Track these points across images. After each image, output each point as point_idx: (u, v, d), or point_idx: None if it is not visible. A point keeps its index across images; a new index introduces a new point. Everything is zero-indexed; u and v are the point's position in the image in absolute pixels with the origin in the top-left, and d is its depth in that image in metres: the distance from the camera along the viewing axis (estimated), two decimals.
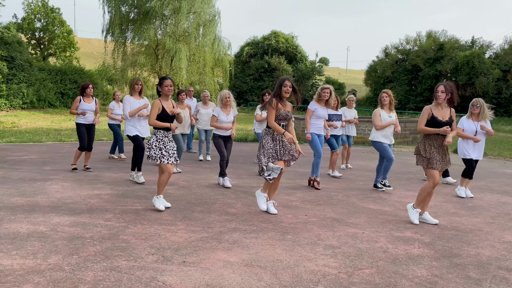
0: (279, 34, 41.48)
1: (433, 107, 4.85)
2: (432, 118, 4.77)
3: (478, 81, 34.68)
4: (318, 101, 6.85)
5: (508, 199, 6.61)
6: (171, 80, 5.25)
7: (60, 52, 34.81)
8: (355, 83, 50.73)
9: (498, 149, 14.44)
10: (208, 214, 5.01)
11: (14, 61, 24.96)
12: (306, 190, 6.72)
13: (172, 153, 5.14)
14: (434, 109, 4.82)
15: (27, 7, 33.84)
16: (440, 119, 4.75)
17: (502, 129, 24.98)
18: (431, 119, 4.78)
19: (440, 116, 4.77)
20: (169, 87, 5.19)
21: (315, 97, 6.94)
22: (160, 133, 5.15)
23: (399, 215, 5.31)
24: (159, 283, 3.08)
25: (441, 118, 4.76)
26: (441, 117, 4.77)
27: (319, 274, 3.35)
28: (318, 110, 6.78)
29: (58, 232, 4.14)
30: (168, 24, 27.76)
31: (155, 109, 5.14)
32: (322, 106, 6.84)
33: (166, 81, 5.20)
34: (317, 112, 6.77)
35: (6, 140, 12.21)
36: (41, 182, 6.60)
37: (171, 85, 5.20)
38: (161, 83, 5.21)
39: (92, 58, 43.02)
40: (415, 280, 3.30)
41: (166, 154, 5.08)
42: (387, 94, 6.91)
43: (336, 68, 76.93)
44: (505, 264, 3.73)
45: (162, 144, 5.11)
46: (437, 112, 4.80)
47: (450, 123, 4.75)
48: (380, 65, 40.92)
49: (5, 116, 21.46)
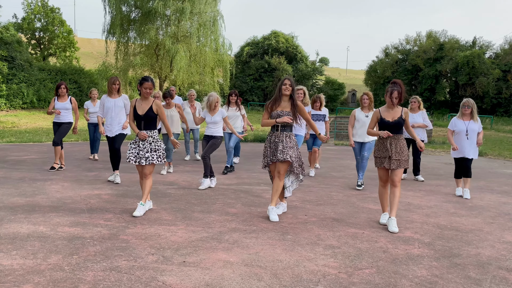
0: (279, 34, 41.45)
1: (383, 109, 4.96)
2: (381, 120, 4.91)
3: (478, 81, 34.67)
4: None
5: (508, 199, 6.61)
6: (151, 82, 5.03)
7: (60, 52, 34.80)
8: (355, 83, 50.70)
9: (498, 149, 14.45)
10: (208, 214, 5.01)
11: (14, 61, 24.96)
12: (306, 190, 6.72)
13: (143, 154, 4.95)
14: (383, 111, 4.93)
15: (27, 7, 33.83)
16: (389, 120, 4.86)
17: (502, 129, 24.97)
18: (380, 121, 4.92)
19: (390, 117, 4.88)
20: (147, 90, 5.00)
21: None
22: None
23: (399, 215, 5.31)
24: (159, 283, 3.08)
25: (391, 119, 4.86)
26: (390, 118, 4.87)
27: (319, 274, 3.35)
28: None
29: (58, 232, 4.14)
30: (169, 25, 27.76)
31: (131, 108, 5.10)
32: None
33: (146, 83, 4.98)
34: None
35: (6, 140, 12.21)
36: (41, 182, 6.59)
37: (150, 88, 5.01)
38: (142, 83, 5.03)
39: (92, 58, 43.01)
40: (415, 280, 3.30)
41: (136, 155, 4.97)
42: (367, 96, 7.20)
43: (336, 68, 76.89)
44: (505, 264, 3.73)
45: (136, 144, 5.04)
46: (386, 114, 4.91)
47: (399, 122, 4.83)
48: (380, 65, 40.90)
49: (5, 116, 21.46)
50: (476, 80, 34.79)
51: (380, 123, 4.91)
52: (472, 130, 6.55)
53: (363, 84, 44.86)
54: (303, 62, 41.15)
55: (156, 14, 26.34)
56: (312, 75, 40.86)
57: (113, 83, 6.81)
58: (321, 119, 8.30)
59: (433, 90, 37.08)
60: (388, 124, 4.83)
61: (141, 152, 4.98)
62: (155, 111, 5.05)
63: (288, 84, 4.98)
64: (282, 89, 4.98)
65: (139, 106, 5.07)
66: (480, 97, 35.36)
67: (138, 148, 5.02)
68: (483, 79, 34.56)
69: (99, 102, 6.90)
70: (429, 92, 36.98)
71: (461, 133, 6.59)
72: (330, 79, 43.01)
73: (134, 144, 5.06)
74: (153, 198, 5.71)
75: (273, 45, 40.32)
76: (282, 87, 4.98)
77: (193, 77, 27.85)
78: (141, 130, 5.06)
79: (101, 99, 6.89)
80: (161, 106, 5.14)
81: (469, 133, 6.56)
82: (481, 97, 35.35)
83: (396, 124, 4.81)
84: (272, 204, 4.95)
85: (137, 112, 5.05)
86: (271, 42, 40.47)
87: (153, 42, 27.37)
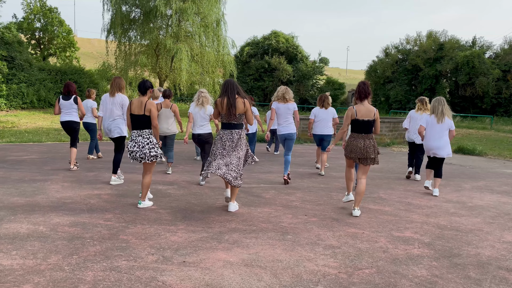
0: (279, 34, 41.41)
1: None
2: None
3: (478, 81, 34.65)
4: (278, 100, 7.15)
5: (508, 199, 6.61)
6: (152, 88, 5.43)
7: (60, 52, 34.79)
8: (355, 83, 50.63)
9: (498, 149, 14.44)
10: (208, 214, 5.00)
11: (14, 61, 24.96)
12: (306, 190, 6.72)
13: (131, 152, 5.23)
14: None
15: (27, 7, 33.83)
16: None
17: (502, 129, 24.94)
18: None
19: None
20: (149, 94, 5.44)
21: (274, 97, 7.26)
22: (133, 134, 5.30)
23: (399, 215, 5.31)
24: (159, 283, 3.08)
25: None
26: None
27: (319, 274, 3.35)
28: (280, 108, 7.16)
29: (58, 232, 4.14)
30: (170, 24, 27.74)
31: (128, 109, 5.40)
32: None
33: (151, 89, 5.41)
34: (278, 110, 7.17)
35: (6, 140, 12.21)
36: (41, 182, 6.59)
37: (151, 92, 5.42)
38: (151, 88, 5.40)
39: (92, 58, 43.00)
40: (415, 280, 3.30)
41: (129, 154, 5.26)
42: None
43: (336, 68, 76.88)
44: (505, 264, 3.73)
45: (134, 142, 5.28)
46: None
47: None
48: (380, 65, 40.87)
49: (5, 116, 21.46)
50: (476, 80, 34.76)
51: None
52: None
53: None
54: (303, 62, 41.12)
55: (157, 13, 26.30)
56: (312, 75, 40.83)
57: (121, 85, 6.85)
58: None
59: (433, 90, 37.06)
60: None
61: (132, 149, 5.25)
62: (149, 112, 5.26)
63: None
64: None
65: (134, 106, 5.26)
66: (480, 97, 35.36)
67: (131, 146, 5.24)
68: (483, 79, 34.53)
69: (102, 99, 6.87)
70: (429, 92, 36.94)
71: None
72: (330, 79, 43.00)
73: (131, 142, 5.27)
74: (153, 198, 5.71)
75: (273, 45, 40.29)
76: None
77: (193, 77, 27.84)
78: (136, 130, 5.28)
79: (102, 98, 6.87)
80: (155, 106, 5.31)
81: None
82: (481, 97, 35.34)
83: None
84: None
85: (130, 112, 5.28)
86: (271, 42, 40.44)
87: (153, 41, 27.35)
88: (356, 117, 5.14)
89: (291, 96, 7.06)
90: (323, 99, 8.28)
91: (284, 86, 7.28)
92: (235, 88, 5.15)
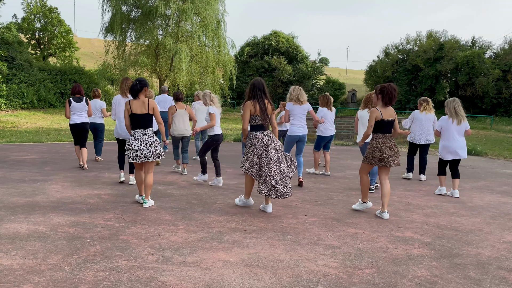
0: (280, 34, 41.41)
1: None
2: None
3: (478, 81, 34.67)
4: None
5: (508, 199, 6.61)
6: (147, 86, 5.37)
7: (60, 52, 34.80)
8: (355, 83, 50.68)
9: (498, 149, 14.45)
10: (208, 214, 5.01)
11: (14, 61, 24.97)
12: (306, 190, 6.72)
13: (133, 152, 5.19)
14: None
15: (27, 7, 33.83)
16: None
17: (502, 129, 24.96)
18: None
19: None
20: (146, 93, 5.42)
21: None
22: (136, 133, 5.27)
23: (399, 215, 5.31)
24: (159, 283, 3.08)
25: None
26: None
27: (319, 274, 3.35)
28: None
29: (58, 232, 4.14)
30: (170, 24, 27.73)
31: (126, 109, 5.36)
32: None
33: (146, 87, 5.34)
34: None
35: (6, 140, 12.21)
36: (41, 182, 6.60)
37: (146, 90, 5.38)
38: (146, 87, 5.33)
39: (92, 58, 42.99)
40: (415, 280, 3.30)
41: (133, 154, 5.22)
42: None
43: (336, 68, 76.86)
44: (505, 264, 3.73)
45: (137, 141, 5.24)
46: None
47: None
48: (380, 65, 40.89)
49: (5, 116, 21.46)
50: (476, 80, 34.78)
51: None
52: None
53: (363, 84, 44.87)
54: (303, 62, 41.12)
55: (156, 13, 26.30)
56: (312, 75, 40.84)
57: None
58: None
59: (433, 90, 37.08)
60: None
61: (134, 148, 5.21)
62: (152, 110, 5.30)
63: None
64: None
65: (135, 106, 5.24)
66: (480, 97, 35.38)
67: (132, 145, 5.21)
68: (483, 79, 34.55)
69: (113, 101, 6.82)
70: (429, 92, 36.97)
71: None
72: (330, 79, 43.00)
73: (135, 141, 5.25)
74: (153, 198, 5.71)
75: (273, 45, 40.29)
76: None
77: (193, 77, 27.84)
78: (140, 129, 5.26)
79: (115, 101, 6.67)
80: (156, 105, 5.37)
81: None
82: (481, 97, 35.36)
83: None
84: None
85: (131, 111, 5.25)
86: (272, 42, 40.45)
87: (153, 42, 27.35)
88: (382, 118, 5.14)
89: (305, 97, 6.99)
90: (331, 101, 8.24)
91: (298, 86, 7.14)
92: (266, 89, 5.29)
